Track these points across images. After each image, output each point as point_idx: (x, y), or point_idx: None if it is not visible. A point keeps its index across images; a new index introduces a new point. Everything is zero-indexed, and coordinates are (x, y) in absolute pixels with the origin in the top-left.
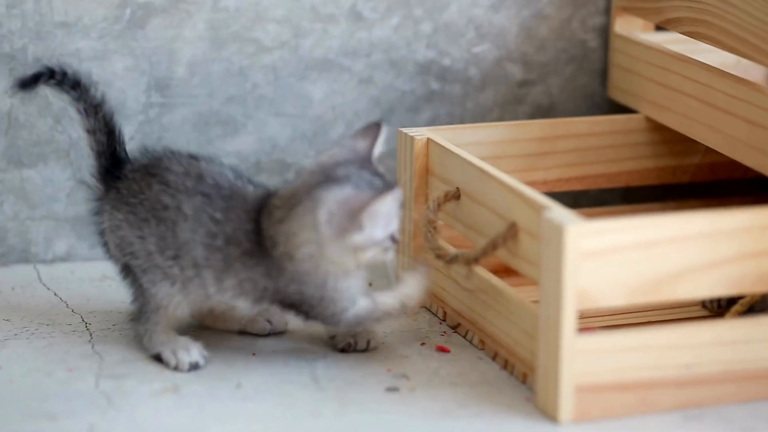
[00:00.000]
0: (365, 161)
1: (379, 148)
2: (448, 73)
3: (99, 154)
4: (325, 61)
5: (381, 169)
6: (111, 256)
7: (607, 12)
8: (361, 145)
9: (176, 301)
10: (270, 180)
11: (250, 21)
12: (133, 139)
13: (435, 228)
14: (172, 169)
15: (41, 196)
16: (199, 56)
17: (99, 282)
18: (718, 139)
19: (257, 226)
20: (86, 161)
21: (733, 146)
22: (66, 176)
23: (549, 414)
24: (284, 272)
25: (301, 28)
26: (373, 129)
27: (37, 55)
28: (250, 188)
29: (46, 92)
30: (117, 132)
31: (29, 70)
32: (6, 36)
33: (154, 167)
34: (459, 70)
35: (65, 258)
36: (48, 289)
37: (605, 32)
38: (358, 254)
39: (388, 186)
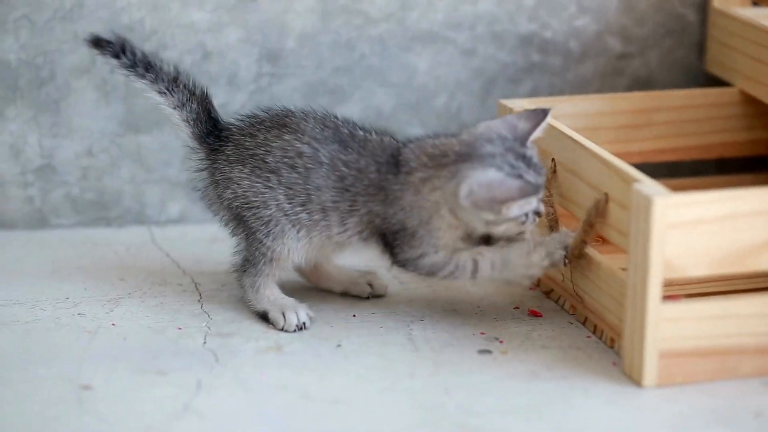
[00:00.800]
0: (519, 142)
1: (538, 133)
2: (550, 45)
3: (195, 121)
4: (430, 33)
5: (534, 151)
6: (217, 210)
7: None
8: (523, 125)
9: (300, 246)
10: None
11: None
12: (244, 107)
13: (556, 222)
14: (307, 119)
15: (156, 161)
16: (308, 28)
17: (209, 243)
18: None
19: (389, 171)
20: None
21: None
22: (180, 142)
23: (633, 378)
24: (400, 201)
25: (407, 1)
26: (539, 114)
27: (154, 26)
28: (384, 138)
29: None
30: (206, 94)
31: (106, 36)
32: (125, 8)
33: (283, 119)
34: (560, 43)
35: (178, 220)
36: (161, 250)
37: (703, 7)
38: (490, 227)
39: (529, 183)
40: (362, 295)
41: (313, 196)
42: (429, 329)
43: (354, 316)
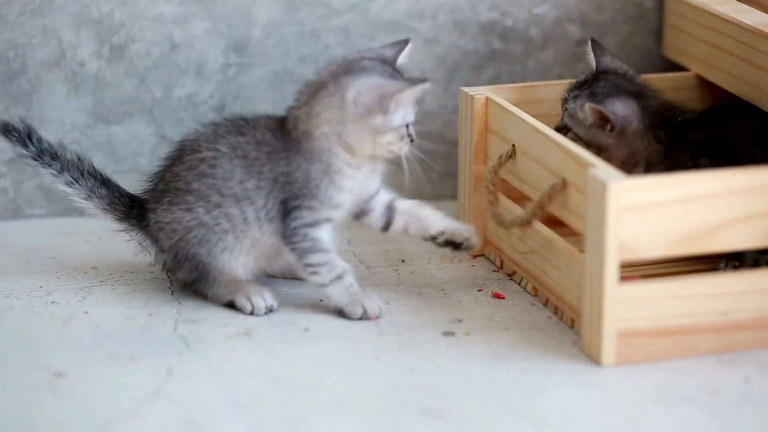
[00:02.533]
0: (389, 63)
1: (403, 59)
2: (510, 33)
3: (111, 204)
4: (393, 22)
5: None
6: (161, 255)
7: None
8: (388, 53)
9: (236, 254)
10: None
11: None
12: (212, 97)
13: (496, 197)
14: (200, 131)
15: (127, 151)
16: (274, 19)
17: None
18: (762, 97)
19: (282, 125)
20: (169, 118)
21: None
22: (150, 132)
23: (593, 357)
24: (300, 152)
25: None
26: (401, 43)
27: (123, 19)
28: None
29: (132, 54)
30: (104, 175)
31: (13, 123)
32: (93, 1)
33: (180, 145)
34: (520, 30)
35: None
36: (132, 238)
37: None
38: (376, 137)
39: (415, 78)
40: None
41: (224, 190)
42: (394, 312)
43: (321, 300)
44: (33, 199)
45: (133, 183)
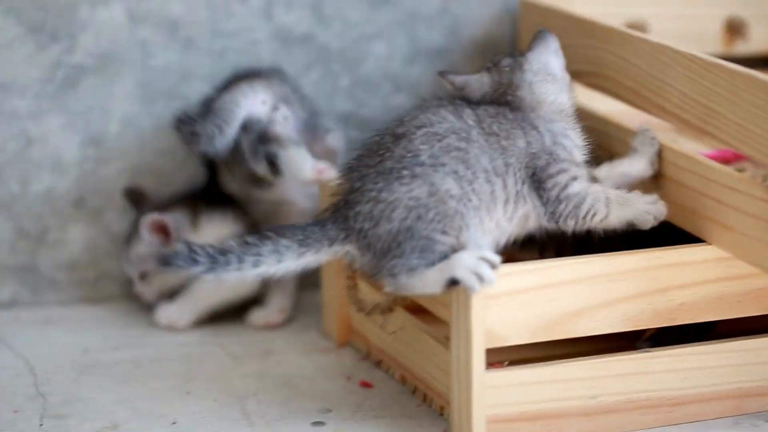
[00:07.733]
0: None
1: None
2: (368, 123)
3: (305, 240)
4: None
5: None
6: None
7: None
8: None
9: (481, 232)
10: None
11: (177, 78)
12: (70, 192)
13: (355, 282)
14: (413, 112)
15: None
16: (130, 113)
17: (42, 326)
18: None
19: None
20: (27, 214)
21: None
22: (8, 227)
23: None
24: (528, 120)
25: None
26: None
27: None
28: None
29: None
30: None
31: None
32: None
33: (398, 125)
34: (377, 120)
35: (10, 304)
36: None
37: None
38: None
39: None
40: None
41: (474, 164)
42: (263, 403)
43: (188, 393)
44: None
45: None
